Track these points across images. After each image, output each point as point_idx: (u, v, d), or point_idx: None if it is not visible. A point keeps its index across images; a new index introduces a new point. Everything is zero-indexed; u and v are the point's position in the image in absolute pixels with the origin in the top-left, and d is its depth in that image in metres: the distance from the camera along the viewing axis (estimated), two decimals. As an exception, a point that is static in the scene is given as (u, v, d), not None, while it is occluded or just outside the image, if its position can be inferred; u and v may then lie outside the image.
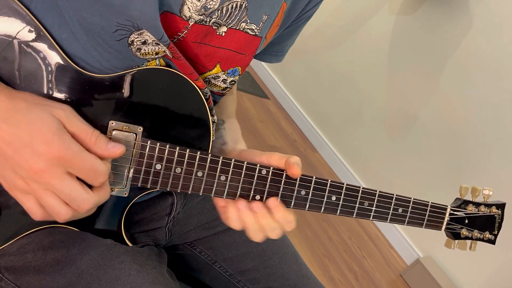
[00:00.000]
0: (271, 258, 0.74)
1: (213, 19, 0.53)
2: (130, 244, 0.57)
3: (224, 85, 0.64)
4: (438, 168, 1.87)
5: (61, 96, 0.50)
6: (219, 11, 0.53)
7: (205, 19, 0.53)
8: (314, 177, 0.58)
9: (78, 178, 0.46)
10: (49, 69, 0.49)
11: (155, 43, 0.50)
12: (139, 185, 0.54)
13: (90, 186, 0.47)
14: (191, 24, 0.52)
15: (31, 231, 0.54)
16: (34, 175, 0.43)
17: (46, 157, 0.43)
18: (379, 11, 2.09)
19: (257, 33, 0.59)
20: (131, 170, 0.53)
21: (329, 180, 0.59)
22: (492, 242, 0.69)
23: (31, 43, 0.48)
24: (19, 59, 0.48)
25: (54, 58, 0.49)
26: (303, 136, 2.51)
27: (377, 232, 2.09)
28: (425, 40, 1.89)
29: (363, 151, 2.22)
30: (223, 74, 0.61)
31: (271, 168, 0.57)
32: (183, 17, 0.51)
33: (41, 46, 0.48)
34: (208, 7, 0.52)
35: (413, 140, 1.97)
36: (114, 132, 0.52)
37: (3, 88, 0.46)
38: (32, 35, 0.48)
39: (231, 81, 0.64)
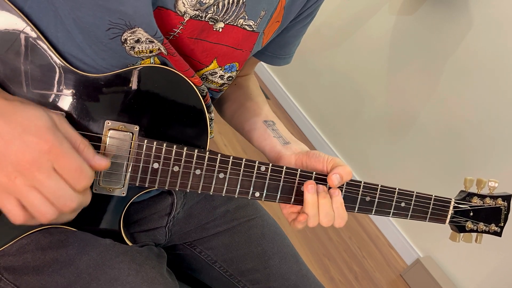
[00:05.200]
0: (271, 258, 0.73)
1: (209, 15, 0.53)
2: (129, 243, 0.57)
3: (222, 81, 0.64)
4: (438, 167, 1.87)
5: (55, 96, 0.49)
6: (215, 6, 0.53)
7: (200, 14, 0.52)
8: (314, 173, 0.58)
9: None
10: (43, 70, 0.49)
11: (149, 41, 0.50)
12: (137, 184, 0.53)
13: None
14: (186, 19, 0.52)
15: (31, 231, 0.54)
16: (21, 168, 0.41)
17: (36, 148, 0.41)
18: (379, 11, 2.09)
19: (254, 29, 0.59)
20: (129, 170, 0.53)
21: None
22: (498, 234, 0.68)
23: (24, 44, 0.48)
24: (15, 60, 0.48)
25: (48, 58, 0.49)
26: (303, 136, 2.51)
27: (377, 232, 2.09)
28: (425, 40, 1.89)
29: (363, 151, 2.21)
30: (220, 70, 0.61)
31: (270, 164, 0.57)
32: (178, 12, 0.51)
33: (35, 47, 0.48)
34: (204, 2, 0.51)
35: (414, 140, 1.97)
36: (110, 132, 0.51)
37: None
38: (26, 36, 0.48)
39: (229, 77, 0.63)
